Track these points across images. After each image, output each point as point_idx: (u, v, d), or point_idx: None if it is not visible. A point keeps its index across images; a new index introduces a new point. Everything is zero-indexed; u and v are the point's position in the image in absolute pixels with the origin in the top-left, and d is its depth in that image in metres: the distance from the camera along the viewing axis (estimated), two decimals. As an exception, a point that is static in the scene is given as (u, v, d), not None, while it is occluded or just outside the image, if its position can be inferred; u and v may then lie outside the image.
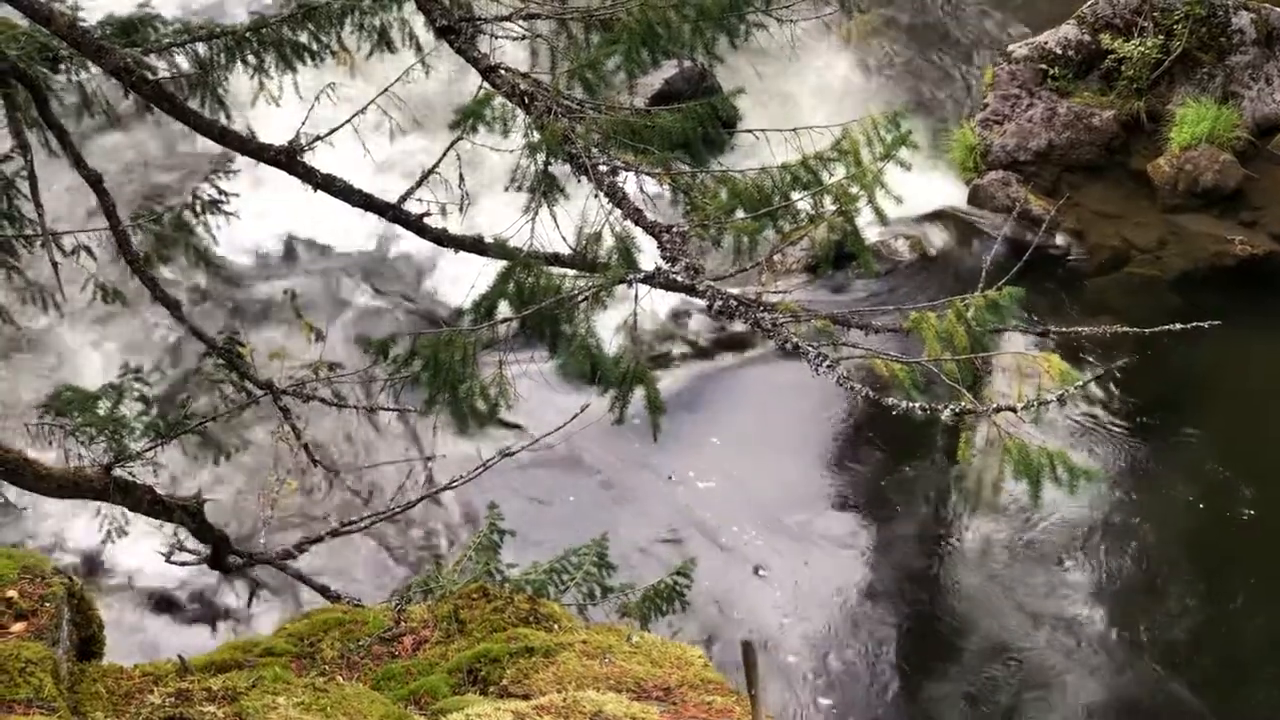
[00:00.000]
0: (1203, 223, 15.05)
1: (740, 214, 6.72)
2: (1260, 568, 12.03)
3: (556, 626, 6.00)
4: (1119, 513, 12.40)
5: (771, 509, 12.45)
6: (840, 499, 12.57)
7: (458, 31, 7.23)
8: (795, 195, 6.74)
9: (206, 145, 10.02)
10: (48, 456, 8.55)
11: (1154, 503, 12.54)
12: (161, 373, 12.22)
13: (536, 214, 6.96)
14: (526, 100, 6.98)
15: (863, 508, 12.52)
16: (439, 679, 5.46)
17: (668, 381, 12.92)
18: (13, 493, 9.14)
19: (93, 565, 11.23)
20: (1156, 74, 15.76)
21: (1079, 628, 11.51)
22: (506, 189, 7.06)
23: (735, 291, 6.73)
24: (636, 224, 6.80)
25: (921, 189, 13.59)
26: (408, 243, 13.70)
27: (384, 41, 7.75)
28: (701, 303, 6.90)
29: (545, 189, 6.97)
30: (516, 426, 11.19)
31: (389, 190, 7.71)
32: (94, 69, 7.45)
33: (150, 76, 7.18)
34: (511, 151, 7.01)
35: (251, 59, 7.59)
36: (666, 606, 7.66)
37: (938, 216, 15.24)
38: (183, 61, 7.65)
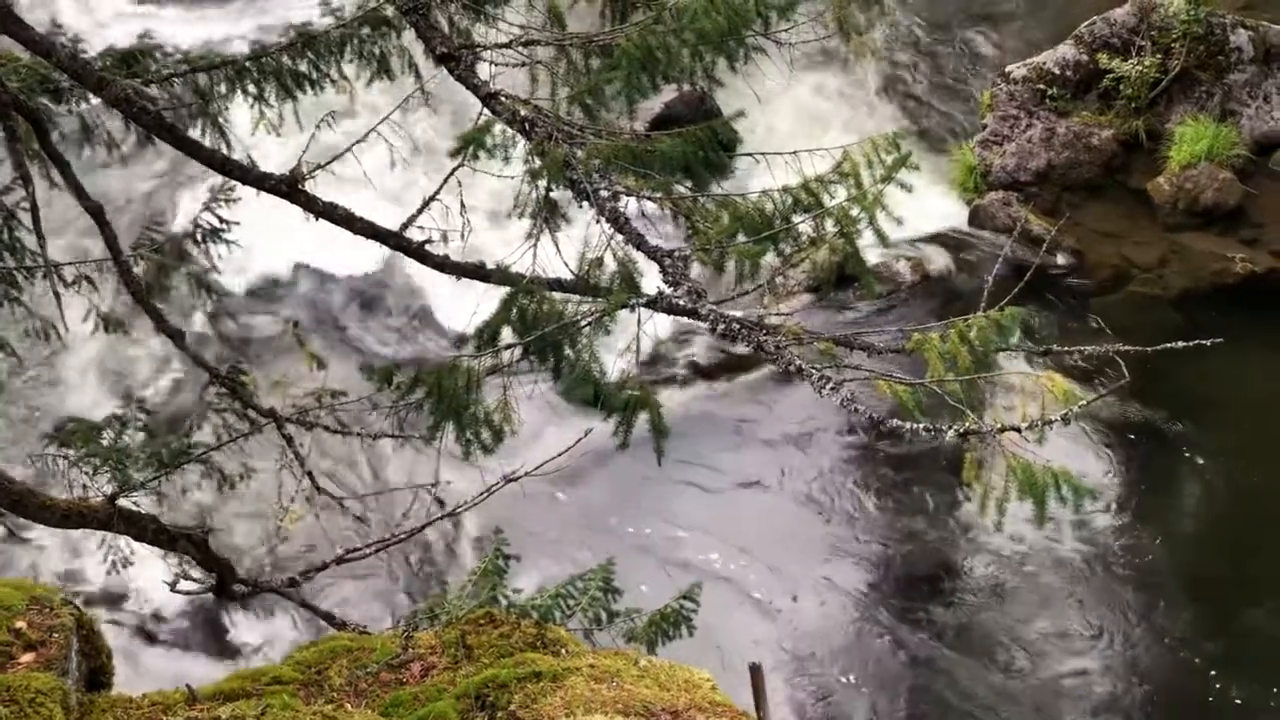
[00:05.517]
0: (1203, 241, 15.04)
1: (742, 237, 6.71)
2: (1261, 582, 12.03)
3: (564, 651, 6.00)
4: (1123, 530, 12.40)
5: (777, 530, 12.44)
6: (846, 519, 12.56)
7: (457, 59, 7.25)
8: (796, 218, 6.74)
9: (207, 174, 10.06)
10: (52, 487, 8.56)
11: (1157, 520, 12.54)
12: (164, 403, 12.23)
13: (538, 240, 6.96)
14: (527, 126, 6.99)
15: (868, 527, 12.51)
16: (447, 705, 5.46)
17: (671, 404, 12.89)
18: (17, 523, 9.15)
19: (98, 595, 11.22)
20: (1155, 93, 15.76)
21: (1085, 644, 11.50)
22: (509, 215, 7.07)
23: (738, 314, 6.74)
24: (638, 249, 6.81)
25: (922, 210, 13.62)
26: (410, 270, 13.70)
27: (384, 70, 7.76)
28: (704, 326, 6.91)
29: (547, 215, 6.98)
30: (521, 451, 11.17)
31: (390, 217, 7.71)
32: (95, 100, 7.46)
33: (151, 107, 7.19)
34: (513, 178, 7.02)
35: (252, 88, 7.59)
36: (674, 631, 7.63)
37: (939, 237, 15.26)
38: (183, 92, 7.66)
